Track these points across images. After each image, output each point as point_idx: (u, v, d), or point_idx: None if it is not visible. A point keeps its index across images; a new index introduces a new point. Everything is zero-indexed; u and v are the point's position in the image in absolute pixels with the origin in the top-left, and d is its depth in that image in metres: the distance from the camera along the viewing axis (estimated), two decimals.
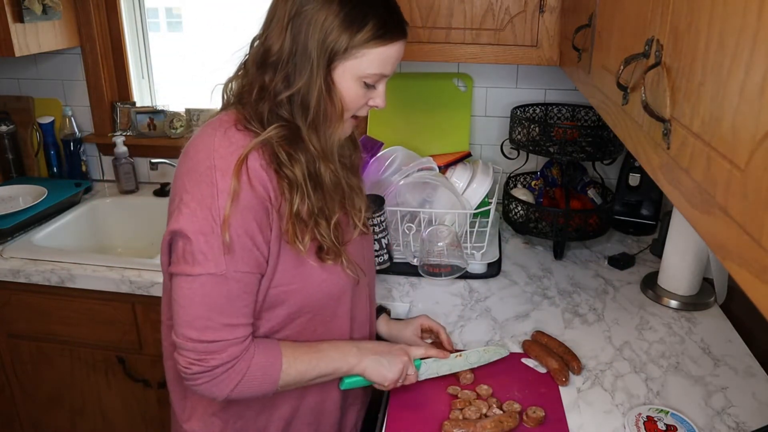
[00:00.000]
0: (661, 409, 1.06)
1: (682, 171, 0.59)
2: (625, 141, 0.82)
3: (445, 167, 1.68)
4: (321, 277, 0.97)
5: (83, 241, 1.94)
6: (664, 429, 1.01)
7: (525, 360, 1.20)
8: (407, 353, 1.08)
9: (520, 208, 1.66)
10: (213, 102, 1.01)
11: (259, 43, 0.93)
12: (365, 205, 1.06)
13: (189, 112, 2.06)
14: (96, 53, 2.03)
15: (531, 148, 1.61)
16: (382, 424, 1.07)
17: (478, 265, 1.53)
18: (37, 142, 2.10)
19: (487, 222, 1.65)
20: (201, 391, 0.92)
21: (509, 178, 1.82)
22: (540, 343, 1.22)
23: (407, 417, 1.06)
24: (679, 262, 1.41)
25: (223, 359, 0.89)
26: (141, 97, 2.18)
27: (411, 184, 1.59)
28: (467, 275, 1.51)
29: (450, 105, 1.89)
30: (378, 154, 1.67)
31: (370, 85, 0.94)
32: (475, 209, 1.60)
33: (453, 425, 1.00)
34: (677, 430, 1.01)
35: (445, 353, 1.15)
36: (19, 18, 1.70)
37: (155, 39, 2.17)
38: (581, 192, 1.76)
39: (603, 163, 1.71)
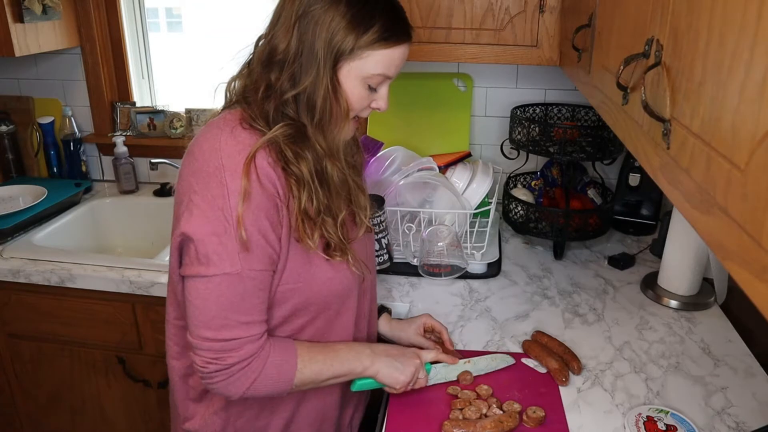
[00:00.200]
0: (661, 409, 1.06)
1: (682, 171, 0.59)
2: (625, 141, 0.82)
3: (445, 167, 1.68)
4: (327, 276, 0.97)
5: (83, 241, 1.94)
6: (664, 429, 1.01)
7: (525, 360, 1.20)
8: (419, 356, 1.09)
9: (520, 208, 1.66)
10: (216, 101, 1.01)
11: (264, 42, 0.93)
12: (368, 203, 1.07)
13: (189, 112, 2.06)
14: (96, 53, 2.03)
15: (531, 148, 1.61)
16: (382, 424, 1.07)
17: (478, 265, 1.53)
18: (37, 142, 2.10)
19: (487, 222, 1.65)
20: (217, 389, 0.92)
21: (509, 178, 1.82)
22: (540, 343, 1.22)
23: (407, 417, 1.06)
24: (679, 262, 1.41)
25: (240, 357, 0.90)
26: (141, 97, 2.18)
27: (411, 184, 1.59)
28: (467, 275, 1.51)
29: (450, 105, 1.89)
30: (378, 154, 1.67)
31: (373, 87, 0.95)
32: (475, 209, 1.60)
33: (453, 425, 1.00)
34: (677, 430, 1.01)
35: (455, 359, 1.15)
36: (19, 18, 1.70)
37: (155, 39, 2.16)
38: (581, 192, 1.76)
39: (603, 163, 1.71)
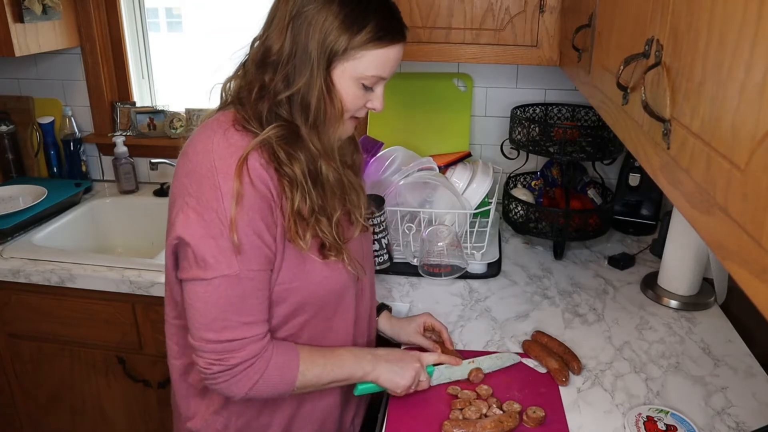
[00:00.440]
0: (661, 409, 1.06)
1: (682, 171, 0.59)
2: (625, 141, 0.82)
3: (445, 167, 1.68)
4: (323, 275, 0.97)
5: (83, 241, 1.94)
6: (664, 429, 1.01)
7: (525, 360, 1.20)
8: (420, 360, 1.09)
9: (520, 208, 1.66)
10: (211, 102, 1.01)
11: (259, 43, 0.93)
12: (365, 203, 1.07)
13: (189, 112, 2.06)
14: (96, 53, 2.03)
15: (531, 148, 1.61)
16: (382, 424, 1.07)
17: (478, 265, 1.53)
18: (37, 142, 2.10)
19: (487, 222, 1.65)
20: (221, 390, 0.93)
21: (509, 178, 1.82)
22: (540, 343, 1.22)
23: (407, 417, 1.06)
24: (679, 262, 1.41)
25: (243, 357, 0.90)
26: (141, 97, 2.18)
27: (411, 184, 1.59)
28: (467, 275, 1.51)
29: (450, 105, 1.89)
30: (378, 154, 1.67)
31: (368, 87, 0.95)
32: (475, 209, 1.60)
33: (453, 425, 1.00)
34: (677, 430, 1.01)
35: (458, 360, 1.15)
36: (19, 18, 1.70)
37: (155, 39, 2.17)
38: (581, 192, 1.76)
39: (603, 163, 1.71)
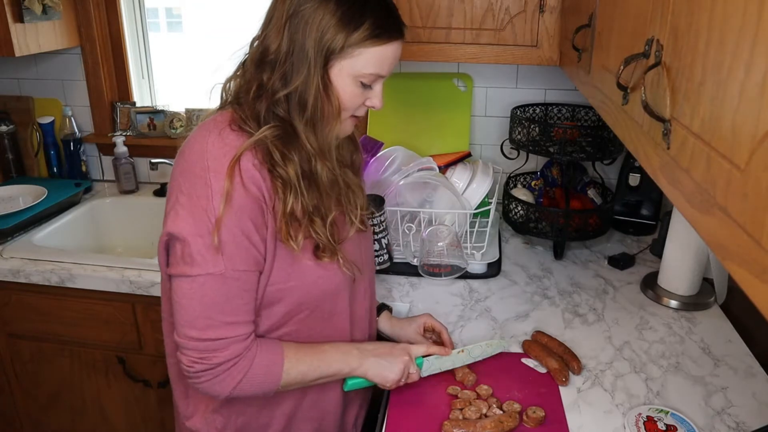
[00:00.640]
0: (661, 409, 1.06)
1: (682, 171, 0.59)
2: (625, 141, 0.82)
3: (445, 167, 1.68)
4: (317, 274, 0.97)
5: (83, 241, 1.94)
6: (664, 429, 1.01)
7: (525, 360, 1.20)
8: (408, 353, 1.09)
9: (520, 208, 1.66)
10: (211, 102, 1.01)
11: (258, 42, 0.94)
12: (363, 203, 1.06)
13: (189, 112, 2.06)
14: (96, 53, 2.03)
15: (531, 148, 1.61)
16: (382, 423, 1.07)
17: (478, 265, 1.53)
18: (37, 142, 2.10)
19: (487, 222, 1.65)
20: (203, 389, 0.93)
21: (509, 178, 1.82)
22: (540, 343, 1.22)
23: (407, 417, 1.06)
24: (679, 262, 1.41)
25: (226, 357, 0.90)
26: (141, 97, 2.18)
27: (411, 184, 1.59)
28: (467, 275, 1.51)
29: (450, 105, 1.89)
30: (378, 154, 1.67)
31: (367, 85, 0.95)
32: (475, 209, 1.60)
33: (453, 425, 1.00)
34: (677, 430, 1.01)
35: (447, 350, 1.15)
36: (19, 18, 1.70)
37: (155, 39, 2.16)
38: (581, 192, 1.76)
39: (603, 163, 1.71)
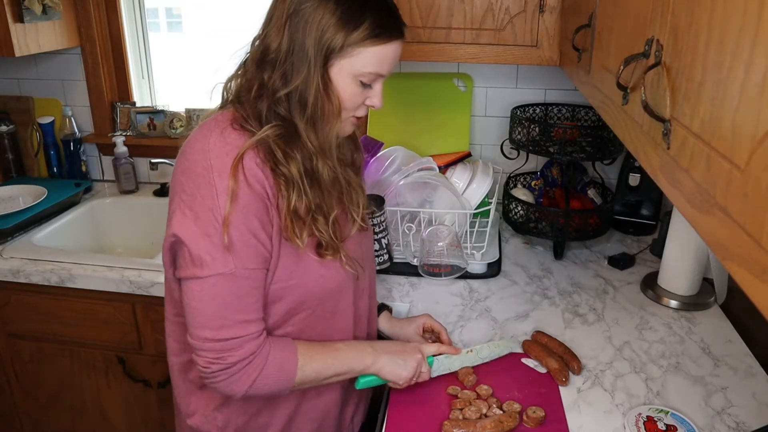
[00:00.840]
0: (661, 409, 1.06)
1: (682, 171, 0.59)
2: (625, 141, 0.82)
3: (445, 167, 1.68)
4: (319, 273, 0.97)
5: (83, 241, 1.94)
6: (664, 429, 1.01)
7: (525, 360, 1.20)
8: (421, 351, 1.09)
9: (520, 208, 1.66)
10: (212, 101, 1.01)
11: (258, 41, 0.94)
12: (364, 202, 1.06)
13: (189, 112, 2.06)
14: (96, 53, 2.03)
15: (531, 148, 1.61)
16: (382, 423, 1.07)
17: (478, 265, 1.53)
18: (37, 142, 2.10)
19: (487, 222, 1.65)
20: (220, 389, 0.93)
21: (509, 178, 1.82)
22: (540, 343, 1.22)
23: (407, 417, 1.06)
24: (679, 262, 1.41)
25: (241, 355, 0.90)
26: (141, 97, 2.18)
27: (411, 184, 1.59)
28: (467, 275, 1.51)
29: (450, 105, 1.89)
30: (378, 154, 1.67)
31: (367, 85, 0.95)
32: (475, 209, 1.60)
33: (453, 425, 1.00)
34: (677, 430, 1.01)
35: (457, 349, 1.16)
36: (19, 18, 1.70)
37: (155, 39, 2.16)
38: (581, 192, 1.76)
39: (603, 163, 1.71)
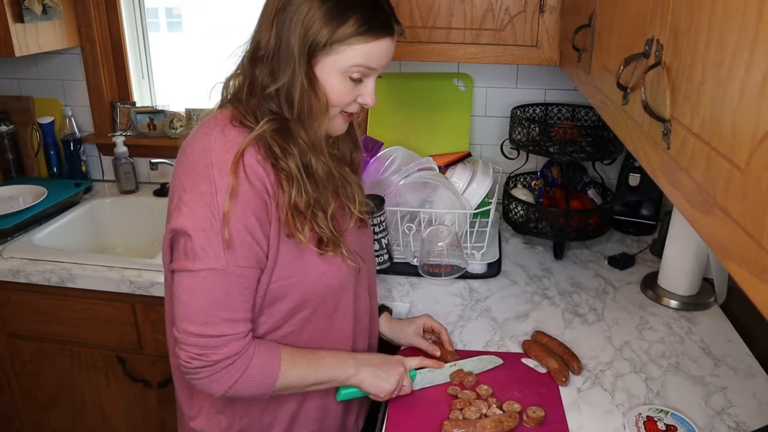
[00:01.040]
0: (661, 409, 1.06)
1: (682, 171, 0.59)
2: (625, 141, 0.82)
3: (445, 167, 1.68)
4: (321, 269, 0.97)
5: (83, 241, 1.94)
6: (664, 429, 1.01)
7: (525, 360, 1.20)
8: (403, 364, 1.09)
9: (520, 208, 1.66)
10: (211, 101, 1.01)
11: (252, 38, 0.94)
12: (362, 198, 1.06)
13: (189, 112, 2.06)
14: (96, 53, 2.03)
15: (531, 148, 1.61)
16: (382, 423, 1.07)
17: (478, 265, 1.53)
18: (37, 142, 2.10)
19: (487, 222, 1.65)
20: (200, 386, 0.93)
21: (509, 178, 1.82)
22: (540, 343, 1.22)
23: (407, 417, 1.06)
24: (679, 262, 1.41)
25: (224, 354, 0.90)
26: (141, 97, 2.18)
27: (411, 184, 1.59)
28: (467, 275, 1.51)
29: (450, 105, 1.89)
30: (378, 154, 1.67)
31: (357, 80, 0.93)
32: (475, 209, 1.60)
33: (453, 425, 1.00)
34: (677, 430, 1.01)
35: (441, 363, 1.15)
36: (19, 18, 1.70)
37: (155, 39, 2.16)
38: (581, 192, 1.76)
39: (603, 163, 1.71)
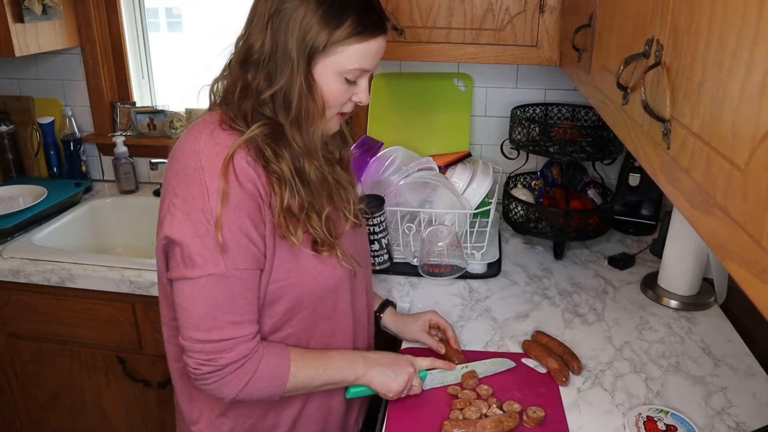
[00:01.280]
0: (661, 409, 1.06)
1: (682, 171, 0.59)
2: (625, 141, 0.82)
3: (445, 167, 1.68)
4: (317, 270, 0.97)
5: (83, 241, 1.94)
6: (664, 429, 1.01)
7: (525, 360, 1.20)
8: (413, 364, 1.09)
9: (520, 208, 1.66)
10: (200, 103, 1.02)
11: (242, 42, 0.94)
12: (355, 198, 1.06)
13: (189, 112, 2.06)
14: (96, 53, 2.03)
15: (531, 148, 1.61)
16: (382, 423, 1.07)
17: (478, 265, 1.53)
18: (37, 142, 2.10)
19: (487, 222, 1.65)
20: (210, 391, 0.92)
21: (509, 178, 1.82)
22: (540, 343, 1.22)
23: (407, 417, 1.06)
24: (679, 262, 1.41)
25: (232, 358, 0.90)
26: (141, 97, 2.18)
27: (411, 184, 1.59)
28: (467, 275, 1.51)
29: (450, 105, 1.89)
30: (378, 154, 1.67)
31: (352, 81, 0.95)
32: (475, 209, 1.60)
33: (453, 425, 1.00)
34: (677, 430, 1.01)
35: (452, 365, 1.15)
36: (19, 18, 1.70)
37: (155, 39, 2.17)
38: (581, 192, 1.76)
39: (603, 163, 1.71)
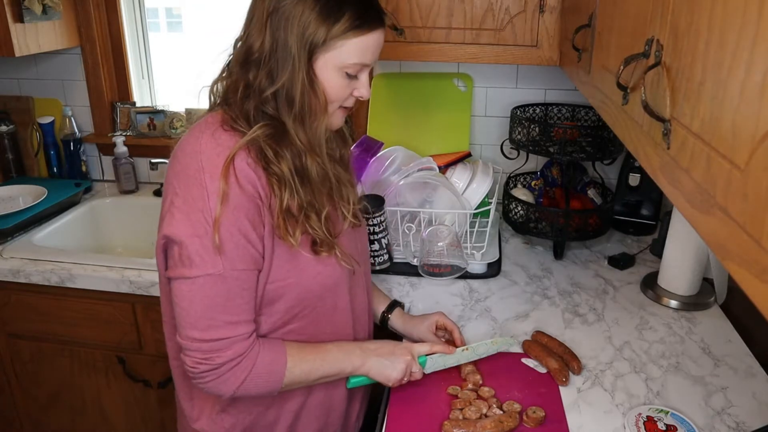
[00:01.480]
0: (661, 409, 1.06)
1: (682, 171, 0.59)
2: (625, 141, 0.82)
3: (445, 167, 1.68)
4: (316, 270, 0.98)
5: (83, 241, 1.94)
6: (664, 429, 1.01)
7: (525, 360, 1.20)
8: (411, 352, 1.09)
9: (520, 208, 1.66)
10: (199, 103, 1.03)
11: (241, 42, 0.94)
12: (355, 198, 1.07)
13: (189, 112, 2.06)
14: (96, 53, 2.03)
15: (531, 148, 1.61)
16: (383, 423, 1.07)
17: (478, 265, 1.53)
18: (37, 142, 2.10)
19: (487, 222, 1.65)
20: (208, 389, 0.93)
21: (509, 178, 1.82)
22: (540, 343, 1.22)
23: (407, 417, 1.06)
24: (679, 262, 1.41)
25: (229, 356, 0.91)
26: (141, 97, 2.18)
27: (411, 184, 1.59)
28: (467, 275, 1.51)
29: (450, 105, 1.89)
30: (378, 154, 1.67)
31: (353, 76, 0.95)
32: (475, 209, 1.60)
33: (453, 425, 1.00)
34: (677, 430, 1.01)
35: (452, 348, 1.15)
36: (19, 18, 1.70)
37: (155, 39, 2.17)
38: (581, 192, 1.76)
39: (603, 163, 1.71)
